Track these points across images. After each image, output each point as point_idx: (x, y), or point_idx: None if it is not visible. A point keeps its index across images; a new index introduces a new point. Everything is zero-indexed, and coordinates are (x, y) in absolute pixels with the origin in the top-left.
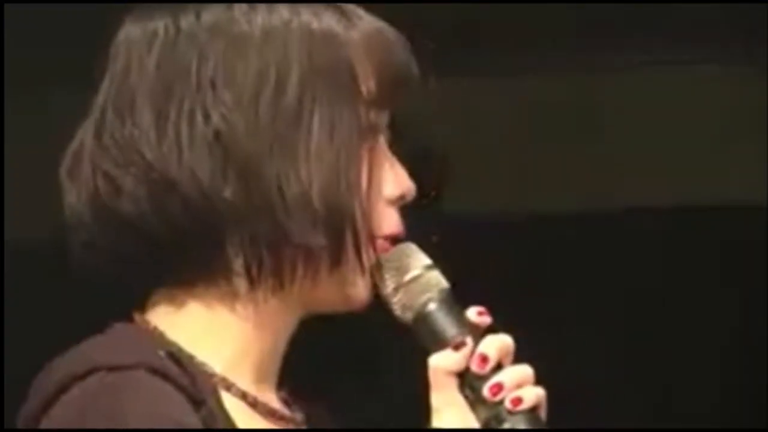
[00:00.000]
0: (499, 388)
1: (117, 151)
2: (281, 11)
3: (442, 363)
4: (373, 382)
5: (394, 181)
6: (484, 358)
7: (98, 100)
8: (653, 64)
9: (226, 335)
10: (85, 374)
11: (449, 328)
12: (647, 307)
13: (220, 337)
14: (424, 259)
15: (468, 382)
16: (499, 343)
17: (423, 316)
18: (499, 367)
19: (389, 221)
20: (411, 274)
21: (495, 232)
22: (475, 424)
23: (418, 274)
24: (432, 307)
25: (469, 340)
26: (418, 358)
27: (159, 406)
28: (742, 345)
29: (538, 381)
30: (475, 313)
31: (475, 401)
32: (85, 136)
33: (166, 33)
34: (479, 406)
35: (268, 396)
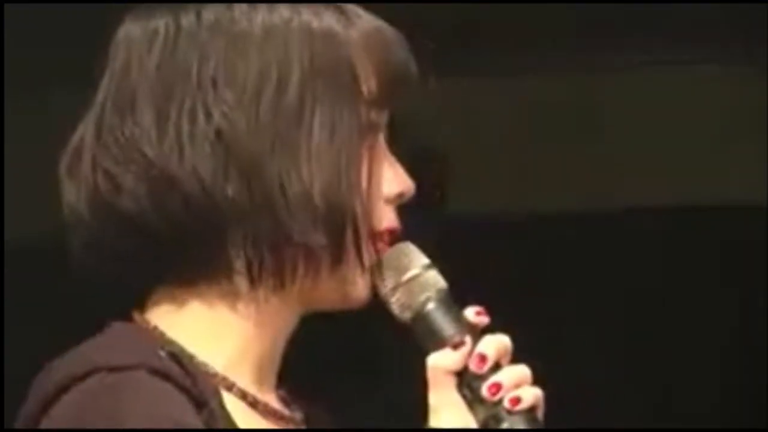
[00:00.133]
0: (497, 388)
1: (117, 149)
2: (281, 10)
3: (441, 362)
4: (373, 382)
5: (394, 179)
6: (483, 358)
7: (98, 97)
8: (653, 64)
9: (227, 334)
10: (86, 375)
11: (447, 327)
12: (647, 307)
13: (221, 336)
14: (422, 259)
15: (466, 381)
16: (498, 342)
17: (421, 315)
18: (498, 367)
19: (387, 219)
20: (410, 274)
21: (495, 232)
22: (474, 424)
23: (416, 274)
24: (430, 306)
25: (468, 339)
26: (418, 357)
27: (159, 406)
28: (742, 345)
29: (538, 380)
30: (473, 313)
31: (474, 401)
32: (85, 134)
33: (166, 32)
34: (477, 405)
35: (268, 395)
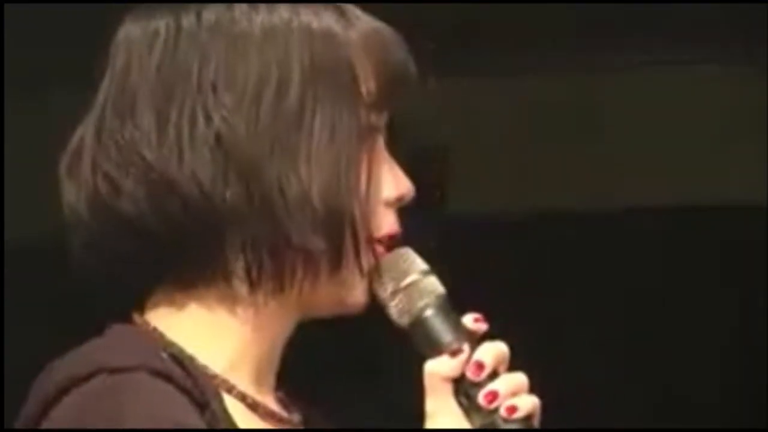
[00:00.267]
0: (494, 396)
1: (117, 152)
2: (281, 11)
3: (438, 369)
4: (371, 385)
5: (393, 182)
6: (480, 366)
7: (98, 98)
8: (653, 64)
9: (226, 337)
10: (87, 376)
11: (445, 334)
12: (647, 307)
13: (220, 338)
14: (421, 265)
15: (463, 388)
16: (495, 350)
17: (420, 321)
18: (495, 375)
19: (386, 223)
20: (408, 280)
21: (495, 232)
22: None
23: (415, 280)
24: (429, 313)
25: (466, 346)
26: (417, 359)
27: (160, 407)
28: (742, 345)
29: (538, 381)
30: (472, 320)
31: (470, 408)
32: (85, 136)
33: (167, 33)
34: (474, 413)
35: (267, 397)
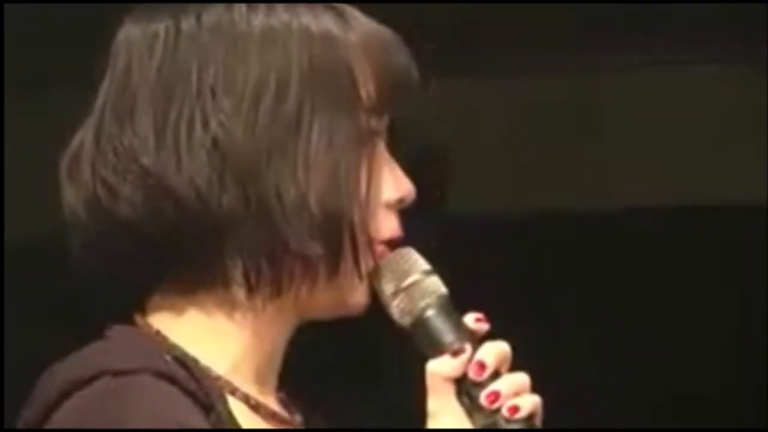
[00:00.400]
0: (496, 396)
1: (115, 158)
2: (280, 13)
3: (440, 369)
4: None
5: (393, 184)
6: (482, 366)
7: (98, 101)
8: (653, 64)
9: (227, 340)
10: (90, 379)
11: (447, 334)
12: (647, 307)
13: (221, 342)
14: (422, 264)
15: (465, 389)
16: (497, 350)
17: (421, 321)
18: (497, 375)
19: (388, 225)
20: (410, 280)
21: (495, 232)
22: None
23: (416, 280)
24: (430, 313)
25: (467, 346)
26: (417, 362)
27: (164, 410)
28: (742, 345)
29: (538, 381)
30: (473, 320)
31: (472, 408)
32: (85, 140)
33: (167, 35)
34: (476, 413)
35: (269, 398)
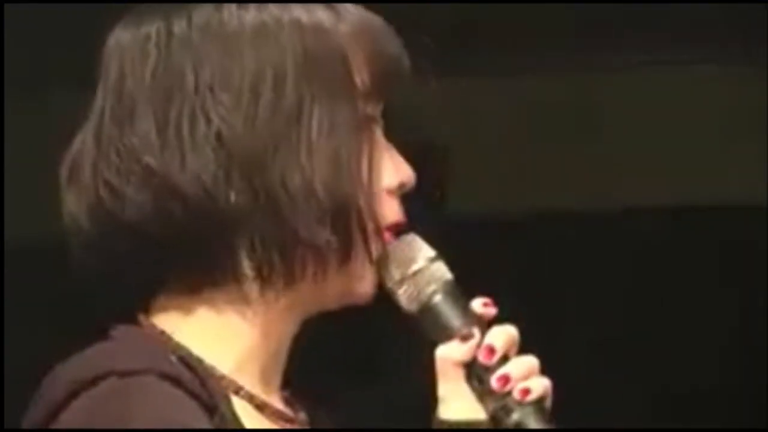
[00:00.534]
0: (506, 380)
1: (117, 160)
2: (271, 8)
3: (449, 354)
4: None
5: (393, 170)
6: (491, 350)
7: (95, 107)
8: (653, 64)
9: (235, 338)
10: (96, 380)
11: (455, 319)
12: (647, 307)
13: (228, 339)
14: (428, 251)
15: (475, 373)
16: (506, 334)
17: (428, 307)
18: (506, 358)
19: (391, 210)
20: (416, 266)
21: (494, 232)
22: (483, 415)
23: (422, 266)
24: (437, 298)
25: (476, 331)
26: (418, 360)
27: (169, 411)
28: (742, 345)
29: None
30: (481, 305)
31: (483, 392)
32: (84, 144)
33: (158, 37)
34: (487, 397)
35: (274, 397)
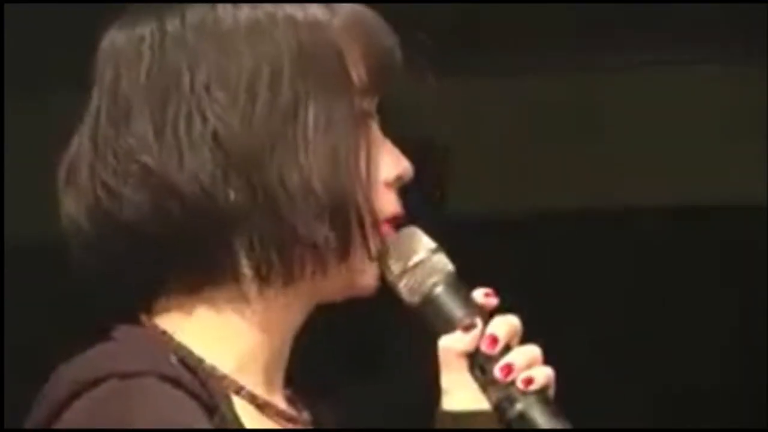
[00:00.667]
0: (509, 369)
1: (115, 161)
2: (264, 6)
3: (452, 344)
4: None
5: (391, 163)
6: (494, 339)
7: (90, 109)
8: (653, 64)
9: (236, 337)
10: (97, 381)
11: (457, 310)
12: (647, 307)
13: (230, 339)
14: (428, 243)
15: (478, 363)
16: (508, 324)
17: (430, 299)
18: (508, 348)
19: (389, 203)
20: (417, 258)
21: (494, 232)
22: (486, 405)
23: (423, 258)
24: (439, 290)
25: (478, 321)
26: (420, 354)
27: (169, 412)
28: (742, 345)
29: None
30: (482, 295)
31: (486, 382)
32: (81, 146)
33: (152, 38)
34: (490, 387)
35: (276, 396)
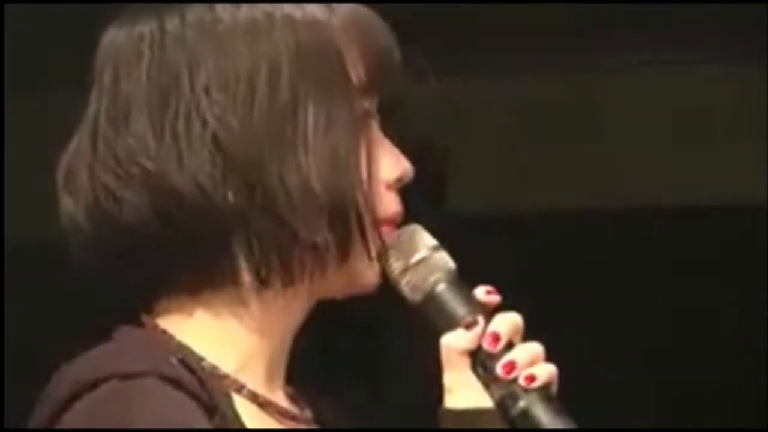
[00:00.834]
0: (512, 367)
1: (114, 162)
2: (263, 6)
3: (454, 342)
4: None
5: (391, 163)
6: (496, 337)
7: (90, 109)
8: (653, 64)
9: (235, 337)
10: (98, 382)
11: (459, 307)
12: (647, 307)
13: (230, 339)
14: (430, 240)
15: (480, 361)
16: (510, 321)
17: (432, 297)
18: (511, 346)
19: (390, 203)
20: (418, 256)
21: (494, 231)
22: (489, 403)
23: (425, 256)
24: (441, 287)
25: (480, 319)
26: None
27: (169, 413)
28: (742, 345)
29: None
30: (484, 293)
31: (488, 380)
32: (80, 147)
33: (152, 38)
34: (492, 384)
35: (278, 394)
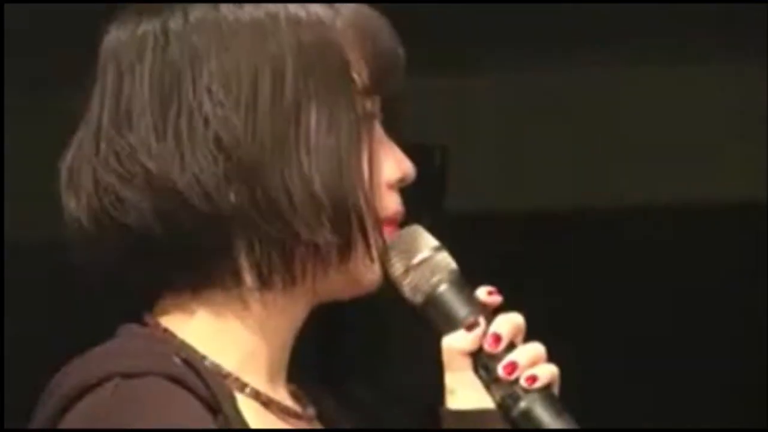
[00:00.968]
0: (513, 367)
1: (117, 163)
2: (267, 5)
3: (456, 343)
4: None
5: (393, 164)
6: (497, 338)
7: (92, 109)
8: (652, 63)
9: (237, 336)
10: (101, 381)
11: (460, 308)
12: (647, 307)
13: (232, 338)
14: (431, 241)
15: (481, 361)
16: (511, 322)
17: (433, 297)
18: (512, 346)
19: (392, 203)
20: (420, 256)
21: (493, 231)
22: (490, 404)
23: (427, 256)
24: (442, 288)
25: (481, 319)
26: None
27: (171, 412)
28: (743, 345)
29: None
30: (485, 293)
31: (490, 381)
32: (83, 147)
33: (155, 37)
34: (494, 385)
35: (280, 392)
